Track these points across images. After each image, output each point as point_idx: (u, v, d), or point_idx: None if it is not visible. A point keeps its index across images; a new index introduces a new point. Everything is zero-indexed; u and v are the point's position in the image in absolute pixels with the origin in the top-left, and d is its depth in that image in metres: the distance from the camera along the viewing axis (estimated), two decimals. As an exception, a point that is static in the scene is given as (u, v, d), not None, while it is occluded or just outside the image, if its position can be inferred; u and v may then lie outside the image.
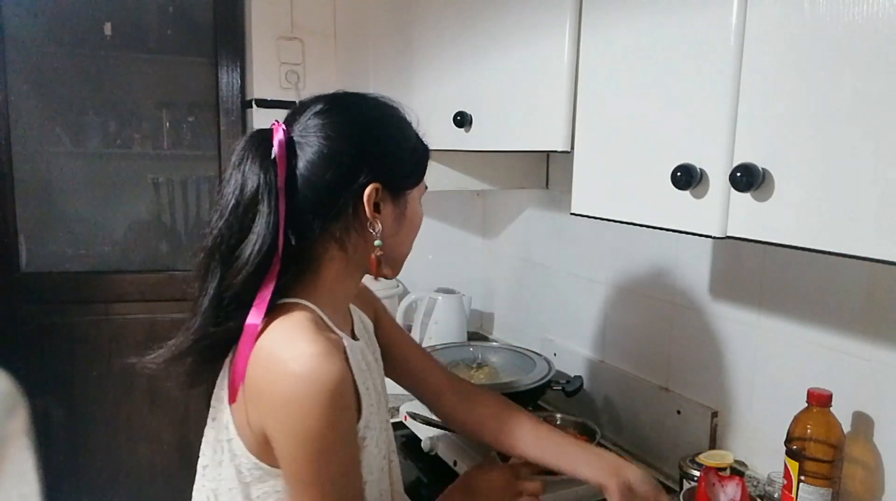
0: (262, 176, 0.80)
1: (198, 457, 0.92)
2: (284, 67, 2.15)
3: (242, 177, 0.81)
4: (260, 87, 2.15)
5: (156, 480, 2.31)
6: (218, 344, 0.83)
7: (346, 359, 0.86)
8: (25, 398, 0.93)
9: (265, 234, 0.79)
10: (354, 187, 0.84)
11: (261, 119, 2.15)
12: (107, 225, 2.30)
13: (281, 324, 0.80)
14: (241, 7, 2.23)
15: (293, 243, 0.82)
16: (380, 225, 0.86)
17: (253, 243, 0.79)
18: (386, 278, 0.94)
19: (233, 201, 0.80)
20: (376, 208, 0.86)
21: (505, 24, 1.25)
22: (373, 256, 0.88)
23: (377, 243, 0.86)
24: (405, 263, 0.98)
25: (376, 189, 0.85)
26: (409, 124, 0.92)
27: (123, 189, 2.31)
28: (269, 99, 2.15)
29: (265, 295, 0.80)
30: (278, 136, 0.81)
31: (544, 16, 1.14)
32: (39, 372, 2.19)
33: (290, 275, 0.83)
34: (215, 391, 0.89)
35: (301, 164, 0.82)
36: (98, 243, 2.29)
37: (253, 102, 2.16)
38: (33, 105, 2.15)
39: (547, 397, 1.63)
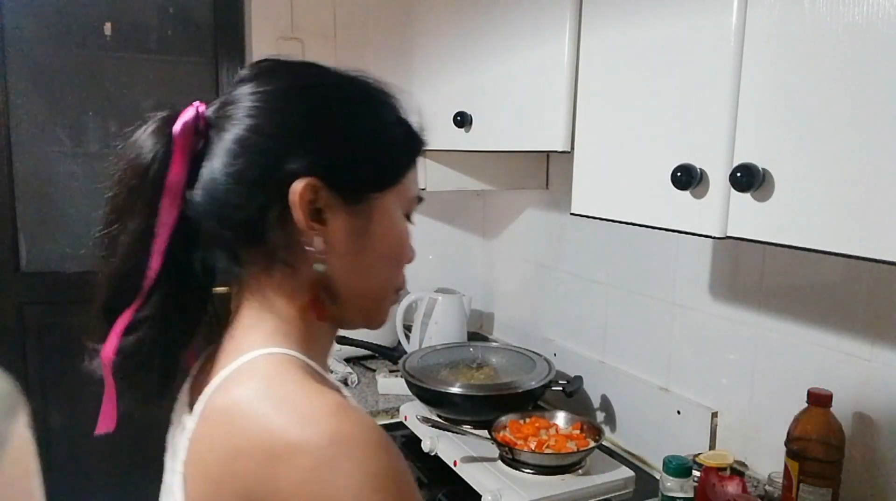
0: (144, 170, 0.59)
1: None
2: (284, 67, 2.15)
3: (125, 165, 0.61)
4: (260, 87, 2.15)
5: (156, 479, 2.31)
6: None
7: None
8: (25, 398, 0.93)
9: (128, 249, 0.59)
10: (277, 182, 0.58)
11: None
12: (107, 225, 2.30)
13: (256, 388, 0.54)
14: (241, 7, 2.23)
15: (199, 264, 0.61)
16: (321, 241, 0.59)
17: (116, 261, 0.59)
18: (343, 325, 0.67)
19: (110, 201, 0.61)
20: (317, 214, 0.59)
21: (505, 25, 1.25)
22: (311, 285, 0.61)
23: (317, 266, 0.59)
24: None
25: (311, 186, 0.58)
26: (388, 108, 0.65)
27: (123, 189, 2.31)
28: (269, 99, 2.15)
29: (113, 340, 0.59)
30: (186, 115, 0.60)
31: (544, 16, 1.14)
32: (39, 372, 2.19)
33: (187, 312, 0.63)
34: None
35: (212, 151, 0.59)
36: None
37: (253, 102, 2.16)
38: (33, 105, 2.15)
39: (547, 397, 1.63)
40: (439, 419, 1.49)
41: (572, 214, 1.12)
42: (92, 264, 0.63)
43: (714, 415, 1.33)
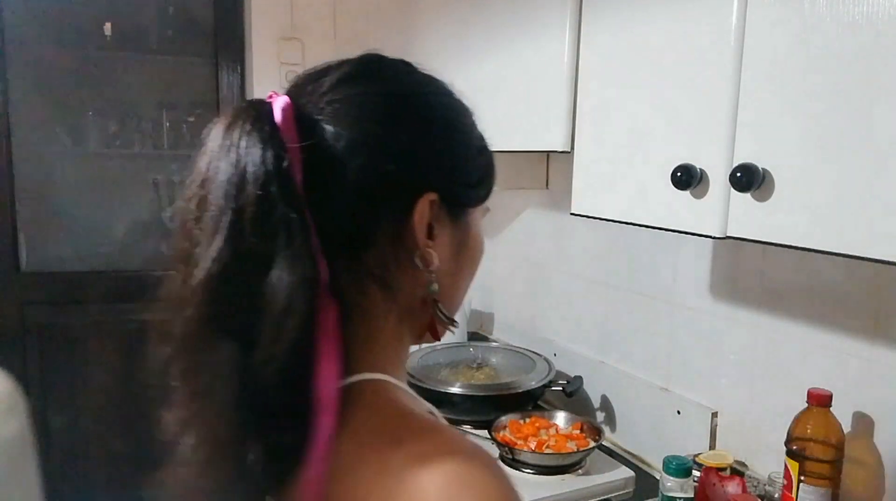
0: (272, 164, 0.47)
1: None
2: (284, 67, 2.15)
3: (238, 171, 0.48)
4: (260, 87, 2.15)
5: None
6: (280, 454, 0.49)
7: None
8: (25, 398, 0.92)
9: (299, 251, 0.47)
10: (398, 197, 0.53)
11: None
12: (107, 225, 2.30)
13: (371, 421, 0.49)
14: (241, 7, 2.23)
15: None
16: (435, 258, 0.55)
17: (283, 271, 0.46)
18: (430, 340, 0.63)
19: (231, 212, 0.47)
20: (429, 231, 0.55)
21: (505, 25, 1.25)
22: (422, 306, 0.57)
23: (433, 286, 0.56)
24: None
25: (432, 202, 0.54)
26: (471, 114, 0.62)
27: (123, 189, 2.31)
28: (269, 99, 2.15)
29: (330, 364, 0.48)
30: (279, 104, 0.51)
31: (544, 16, 1.14)
32: (39, 372, 2.19)
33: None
34: None
35: (320, 154, 0.51)
36: (98, 243, 2.29)
37: (253, 102, 2.16)
38: (33, 105, 2.16)
39: (547, 397, 1.63)
40: (439, 419, 1.49)
41: (572, 214, 1.12)
42: (93, 264, 0.60)
43: (714, 415, 1.33)
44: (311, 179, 0.49)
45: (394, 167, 0.53)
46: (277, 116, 0.50)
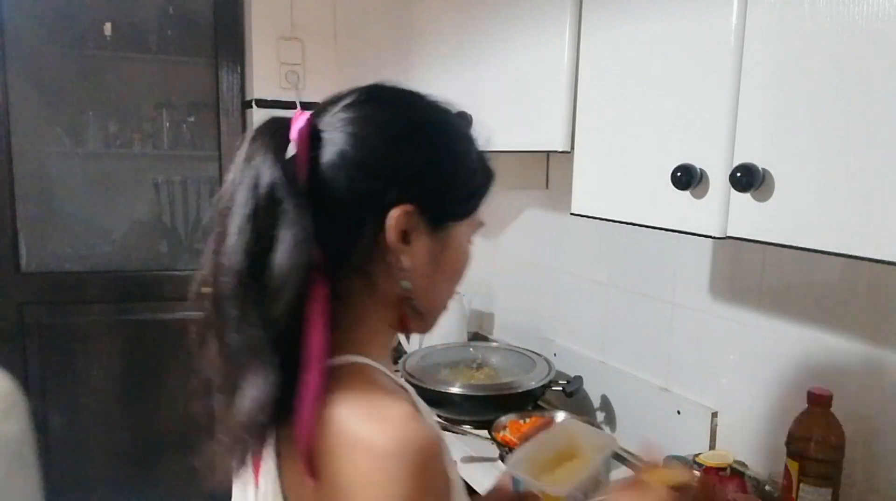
0: (279, 169, 0.62)
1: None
2: (284, 67, 2.15)
3: (255, 173, 0.63)
4: (260, 87, 2.15)
5: (157, 479, 2.31)
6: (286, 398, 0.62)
7: None
8: (25, 398, 0.93)
9: (296, 239, 0.61)
10: (378, 205, 0.65)
11: (261, 119, 2.16)
12: (107, 225, 2.31)
13: (343, 394, 0.61)
14: (241, 7, 2.23)
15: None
16: (407, 261, 0.66)
17: (283, 253, 0.60)
18: (414, 332, 0.76)
19: (249, 205, 0.62)
20: (404, 237, 0.66)
21: (505, 25, 1.25)
22: (398, 300, 0.69)
23: (404, 283, 0.68)
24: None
25: (406, 213, 0.65)
26: (469, 139, 0.73)
27: (123, 189, 2.31)
28: (268, 99, 2.15)
29: (318, 331, 0.61)
30: (298, 124, 0.64)
31: (544, 16, 1.14)
32: (39, 372, 2.19)
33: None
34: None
35: (323, 163, 0.64)
36: (98, 243, 2.29)
37: (253, 103, 2.16)
38: (33, 105, 2.16)
39: (547, 397, 1.63)
40: (439, 419, 1.49)
41: (572, 214, 1.12)
42: (93, 264, 0.64)
43: (714, 415, 1.33)
44: (315, 184, 0.63)
45: (373, 183, 0.65)
46: (293, 132, 0.64)
